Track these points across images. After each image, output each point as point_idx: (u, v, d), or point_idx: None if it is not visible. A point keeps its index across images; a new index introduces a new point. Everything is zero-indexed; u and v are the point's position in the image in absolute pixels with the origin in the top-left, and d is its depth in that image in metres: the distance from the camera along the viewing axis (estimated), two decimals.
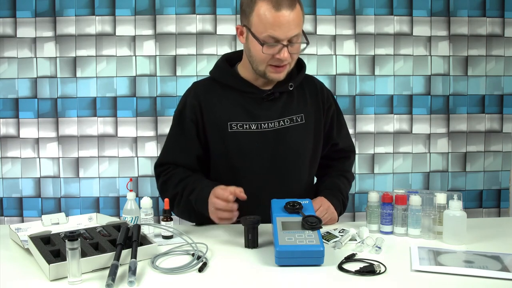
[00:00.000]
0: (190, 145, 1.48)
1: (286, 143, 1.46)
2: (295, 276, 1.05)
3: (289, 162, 1.48)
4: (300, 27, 1.34)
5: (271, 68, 1.38)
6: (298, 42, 1.35)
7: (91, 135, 2.51)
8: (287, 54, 1.33)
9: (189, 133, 1.48)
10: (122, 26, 2.48)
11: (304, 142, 1.50)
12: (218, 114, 1.46)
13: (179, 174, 1.46)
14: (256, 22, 1.32)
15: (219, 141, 1.45)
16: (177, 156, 1.49)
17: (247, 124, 1.44)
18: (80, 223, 1.44)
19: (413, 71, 2.58)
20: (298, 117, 1.49)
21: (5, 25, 2.46)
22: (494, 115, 2.62)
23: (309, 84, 1.56)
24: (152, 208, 1.35)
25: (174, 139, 1.52)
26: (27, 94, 2.49)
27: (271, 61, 1.36)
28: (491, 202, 2.66)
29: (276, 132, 1.46)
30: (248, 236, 1.23)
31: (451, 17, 2.56)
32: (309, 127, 1.50)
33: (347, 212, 2.59)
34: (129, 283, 0.98)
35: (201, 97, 1.48)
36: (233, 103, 1.46)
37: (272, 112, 1.46)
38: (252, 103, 1.46)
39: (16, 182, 2.52)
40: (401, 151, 2.60)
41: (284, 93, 1.48)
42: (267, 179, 1.45)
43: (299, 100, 1.51)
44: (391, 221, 1.35)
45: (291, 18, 1.29)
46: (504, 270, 1.05)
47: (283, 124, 1.47)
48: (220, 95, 1.48)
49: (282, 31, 1.29)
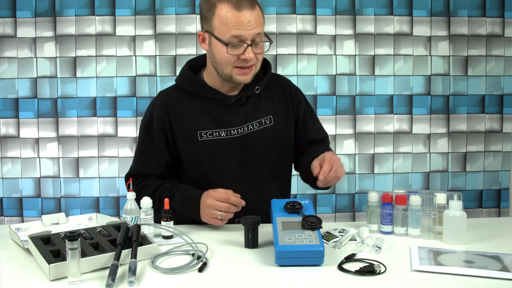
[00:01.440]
0: (160, 155, 1.48)
1: (256, 147, 1.46)
2: (295, 276, 1.05)
3: (261, 166, 1.48)
4: (261, 27, 1.35)
5: (237, 70, 1.38)
6: (261, 41, 1.36)
7: (91, 135, 2.51)
8: (252, 54, 1.33)
9: (158, 143, 1.48)
10: (122, 26, 2.48)
11: (274, 143, 1.49)
12: (186, 123, 1.45)
13: (153, 183, 1.46)
14: (219, 25, 1.33)
15: (190, 150, 1.46)
16: (147, 167, 1.49)
17: (217, 131, 1.44)
18: (80, 223, 1.44)
19: (413, 71, 2.58)
20: (267, 119, 1.48)
21: (5, 25, 2.46)
22: (494, 115, 2.62)
23: (276, 84, 1.55)
24: (152, 208, 1.35)
25: (143, 150, 1.51)
26: (27, 94, 2.49)
27: (237, 62, 1.36)
28: (491, 202, 2.66)
29: (245, 137, 1.45)
30: (248, 236, 1.23)
31: (451, 17, 2.56)
32: (278, 127, 1.50)
33: (347, 212, 2.59)
34: (129, 283, 0.98)
35: (168, 107, 1.47)
36: (201, 111, 1.46)
37: (240, 118, 1.46)
38: (220, 110, 1.45)
39: (16, 182, 2.52)
40: (401, 151, 2.60)
41: (251, 97, 1.48)
42: (240, 184, 1.44)
43: (267, 102, 1.50)
44: (391, 221, 1.35)
45: (252, 18, 1.31)
46: (504, 270, 1.05)
47: (252, 128, 1.46)
48: (187, 104, 1.47)
49: (245, 30, 1.31)
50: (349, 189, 2.60)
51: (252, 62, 1.37)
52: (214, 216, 1.32)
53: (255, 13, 1.32)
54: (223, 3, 1.32)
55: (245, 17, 1.30)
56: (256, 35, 1.33)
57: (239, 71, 1.38)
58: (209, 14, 1.35)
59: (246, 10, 1.31)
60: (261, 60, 1.42)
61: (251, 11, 1.31)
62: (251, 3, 1.32)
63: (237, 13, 1.30)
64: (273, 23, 2.50)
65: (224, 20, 1.32)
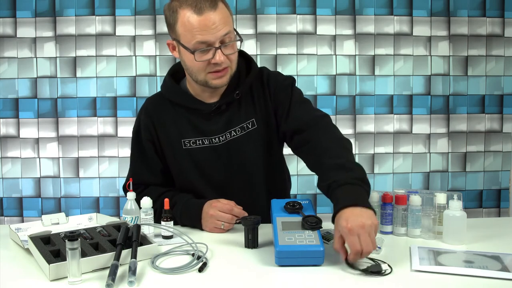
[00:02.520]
0: (152, 164, 1.48)
1: (240, 153, 1.43)
2: (295, 276, 1.05)
3: (246, 172, 1.45)
4: (229, 25, 1.27)
5: (212, 75, 1.32)
6: (231, 41, 1.29)
7: (91, 135, 2.51)
8: (222, 57, 1.27)
9: (148, 153, 1.48)
10: (122, 26, 2.48)
11: (258, 147, 1.44)
12: (170, 132, 1.44)
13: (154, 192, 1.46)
14: (183, 32, 1.27)
15: (174, 158, 1.45)
16: (143, 176, 1.49)
17: (200, 140, 1.42)
18: (80, 223, 1.44)
19: (413, 71, 2.58)
20: (249, 123, 1.42)
21: (5, 25, 2.46)
22: (494, 115, 2.62)
23: (257, 82, 1.45)
24: (152, 208, 1.35)
25: (137, 159, 1.52)
26: (27, 94, 2.49)
27: (209, 68, 1.30)
28: (491, 202, 2.66)
29: (228, 144, 1.42)
30: (248, 236, 1.23)
31: (451, 17, 2.56)
32: (261, 129, 1.43)
33: None
34: (129, 283, 0.98)
35: (153, 115, 1.47)
36: (184, 120, 1.43)
37: (221, 125, 1.41)
38: (200, 119, 1.42)
39: (16, 182, 2.52)
40: (401, 151, 2.60)
41: (232, 103, 1.42)
42: (227, 191, 1.43)
43: (248, 105, 1.43)
44: (391, 221, 1.35)
45: (216, 19, 1.24)
46: (504, 270, 1.05)
47: (234, 134, 1.42)
48: (171, 112, 1.45)
49: (210, 33, 1.24)
50: None
51: (226, 65, 1.31)
52: (216, 226, 1.34)
53: (219, 13, 1.24)
54: (183, 8, 1.25)
55: (208, 20, 1.23)
56: (223, 36, 1.26)
57: (214, 75, 1.32)
58: (172, 21, 1.29)
59: (208, 12, 1.23)
60: (235, 60, 1.35)
61: (213, 12, 1.23)
62: (212, 4, 1.24)
63: (198, 17, 1.23)
64: (273, 23, 2.50)
65: (187, 26, 1.25)
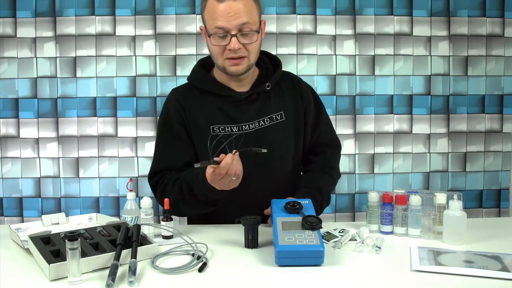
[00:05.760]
0: (182, 148, 1.49)
1: (267, 142, 1.46)
2: (295, 276, 1.05)
3: (272, 161, 1.48)
4: (249, 16, 1.35)
5: (228, 62, 1.40)
6: (250, 31, 1.36)
7: (91, 135, 2.51)
8: (237, 44, 1.34)
9: (179, 136, 1.49)
10: (122, 26, 2.48)
11: (285, 139, 1.52)
12: (200, 118, 1.48)
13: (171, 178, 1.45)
14: (206, 18, 1.38)
15: (203, 144, 1.45)
16: (169, 160, 1.49)
17: (229, 127, 1.46)
18: (80, 223, 1.44)
19: (413, 71, 2.57)
20: (278, 115, 1.51)
21: (5, 25, 2.46)
22: (494, 115, 2.62)
23: (287, 81, 1.57)
24: (152, 208, 1.35)
25: (164, 145, 1.52)
26: (27, 94, 2.49)
27: (226, 54, 1.38)
28: (491, 202, 2.66)
29: (257, 133, 1.47)
30: (248, 236, 1.23)
31: (451, 17, 2.56)
32: (289, 123, 1.52)
33: (347, 212, 2.59)
34: (129, 283, 0.98)
35: (182, 102, 1.50)
36: (213, 107, 1.48)
37: (251, 113, 1.48)
38: (231, 107, 1.48)
39: (16, 182, 2.52)
40: (401, 151, 2.60)
41: (261, 93, 1.50)
42: (252, 179, 1.44)
43: (277, 98, 1.52)
44: (391, 221, 1.35)
45: (236, 7, 1.32)
46: (504, 270, 1.05)
47: (263, 124, 1.49)
48: (200, 100, 1.50)
49: (227, 20, 1.32)
50: (349, 189, 2.60)
51: (242, 53, 1.38)
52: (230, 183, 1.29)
53: (240, 2, 1.33)
54: None
55: (227, 7, 1.32)
56: (241, 25, 1.34)
57: (230, 62, 1.40)
58: (201, 9, 1.40)
59: (228, 0, 1.32)
60: (254, 52, 1.42)
61: (233, 1, 1.32)
62: None
63: (219, 4, 1.33)
64: (273, 23, 2.50)
65: (209, 12, 1.36)
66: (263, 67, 1.55)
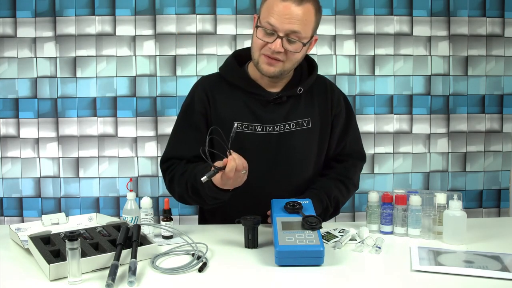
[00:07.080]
0: (197, 139, 1.44)
1: (290, 147, 1.45)
2: (295, 276, 1.05)
3: (291, 166, 1.47)
4: (303, 27, 1.32)
5: (264, 58, 1.37)
6: (298, 41, 1.33)
7: (91, 135, 2.51)
8: (279, 46, 1.31)
9: (197, 126, 1.47)
10: (122, 26, 2.48)
11: (309, 146, 1.49)
12: (224, 111, 1.45)
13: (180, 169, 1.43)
14: (263, 9, 1.35)
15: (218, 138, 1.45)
16: (183, 149, 1.47)
17: (252, 125, 1.44)
18: (80, 223, 1.44)
19: (413, 71, 2.57)
20: (305, 121, 1.47)
21: (5, 25, 2.46)
22: (494, 115, 2.62)
23: (319, 85, 1.53)
24: (152, 208, 1.35)
25: (181, 132, 1.50)
26: (27, 94, 2.49)
27: (265, 49, 1.35)
28: (491, 202, 2.66)
29: (280, 136, 1.45)
30: (248, 236, 1.23)
31: (451, 17, 2.56)
32: (315, 131, 1.49)
33: (347, 212, 2.59)
34: (129, 283, 0.98)
35: (208, 92, 1.48)
36: (240, 103, 1.45)
37: (278, 116, 1.45)
38: (258, 105, 1.45)
39: (16, 182, 2.52)
40: (401, 151, 2.60)
41: (291, 97, 1.47)
42: (268, 181, 1.44)
43: (307, 104, 1.49)
44: (391, 221, 1.35)
45: (294, 12, 1.29)
46: (504, 270, 1.05)
47: (288, 128, 1.46)
48: (227, 93, 1.47)
49: (280, 20, 1.30)
50: None
51: (280, 57, 1.35)
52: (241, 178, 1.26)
53: (300, 9, 1.30)
54: None
55: (286, 8, 1.29)
56: (291, 32, 1.31)
57: (265, 58, 1.36)
58: None
59: (291, 2, 1.29)
60: (293, 62, 1.39)
61: (295, 6, 1.29)
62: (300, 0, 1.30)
63: (281, 2, 1.29)
64: None
65: (268, 5, 1.32)
66: (298, 69, 1.51)
